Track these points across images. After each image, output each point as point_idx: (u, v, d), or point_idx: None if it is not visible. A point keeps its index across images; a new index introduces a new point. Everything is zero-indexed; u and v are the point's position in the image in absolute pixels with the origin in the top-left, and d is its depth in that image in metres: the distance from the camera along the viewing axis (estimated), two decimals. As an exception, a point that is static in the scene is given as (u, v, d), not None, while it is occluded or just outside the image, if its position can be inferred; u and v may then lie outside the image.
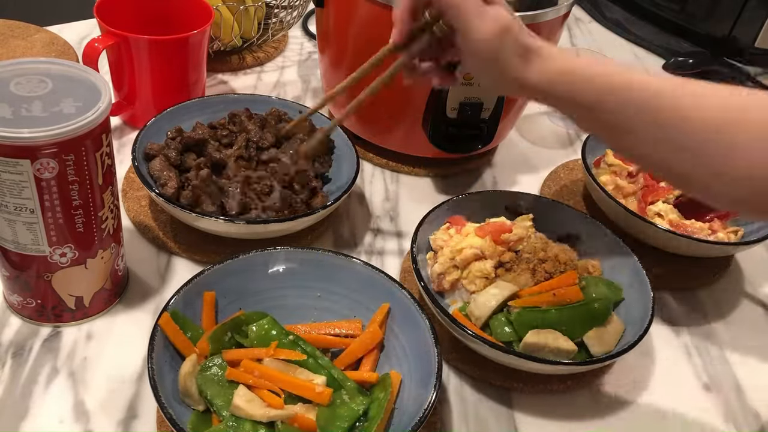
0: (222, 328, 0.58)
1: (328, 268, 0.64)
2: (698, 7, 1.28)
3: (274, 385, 0.54)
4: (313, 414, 0.53)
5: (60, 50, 0.99)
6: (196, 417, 0.54)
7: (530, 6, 0.76)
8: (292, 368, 0.56)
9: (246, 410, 0.52)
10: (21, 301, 0.62)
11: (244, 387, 0.54)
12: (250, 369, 0.55)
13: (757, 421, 0.65)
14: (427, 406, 0.52)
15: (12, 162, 0.51)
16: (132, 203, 0.77)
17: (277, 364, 0.56)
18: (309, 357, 0.56)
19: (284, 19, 1.07)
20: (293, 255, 0.64)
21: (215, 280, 0.62)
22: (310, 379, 0.55)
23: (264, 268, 0.63)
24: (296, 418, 0.53)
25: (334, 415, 0.53)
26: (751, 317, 0.77)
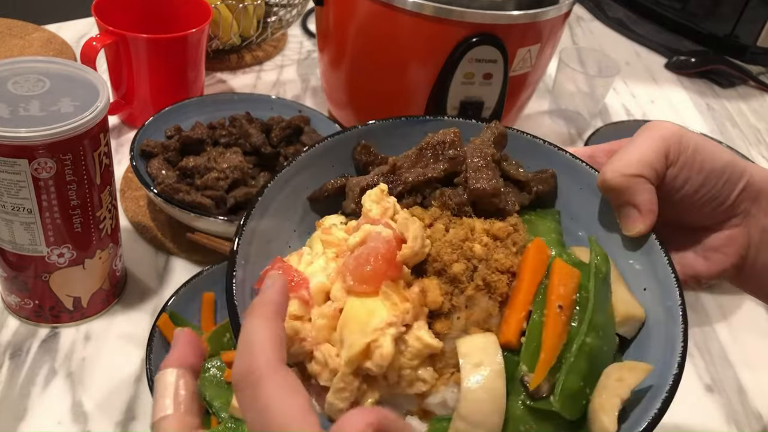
0: (221, 329, 0.58)
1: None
2: (700, 6, 1.28)
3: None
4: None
5: (58, 49, 0.98)
6: (194, 419, 0.54)
7: (531, 4, 0.76)
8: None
9: (245, 412, 0.51)
10: (19, 301, 0.61)
11: (243, 388, 0.53)
12: (249, 370, 0.54)
13: (759, 423, 0.65)
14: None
15: (9, 161, 0.50)
16: (130, 203, 0.76)
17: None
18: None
19: (283, 18, 1.06)
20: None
21: (214, 280, 0.61)
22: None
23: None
24: (295, 420, 0.52)
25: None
26: (754, 318, 0.76)
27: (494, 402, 0.35)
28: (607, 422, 0.35)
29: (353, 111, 0.87)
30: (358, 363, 0.35)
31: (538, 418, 0.36)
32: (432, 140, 0.44)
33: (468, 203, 0.43)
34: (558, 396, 0.35)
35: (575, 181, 0.45)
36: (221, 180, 0.72)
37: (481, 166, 0.43)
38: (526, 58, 0.78)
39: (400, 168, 0.44)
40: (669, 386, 0.36)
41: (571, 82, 1.00)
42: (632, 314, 0.40)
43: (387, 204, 0.41)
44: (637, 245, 0.42)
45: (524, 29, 0.75)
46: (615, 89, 1.15)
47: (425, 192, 0.44)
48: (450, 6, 0.71)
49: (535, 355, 0.36)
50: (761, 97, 1.22)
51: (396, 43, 0.76)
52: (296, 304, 0.38)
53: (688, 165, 0.42)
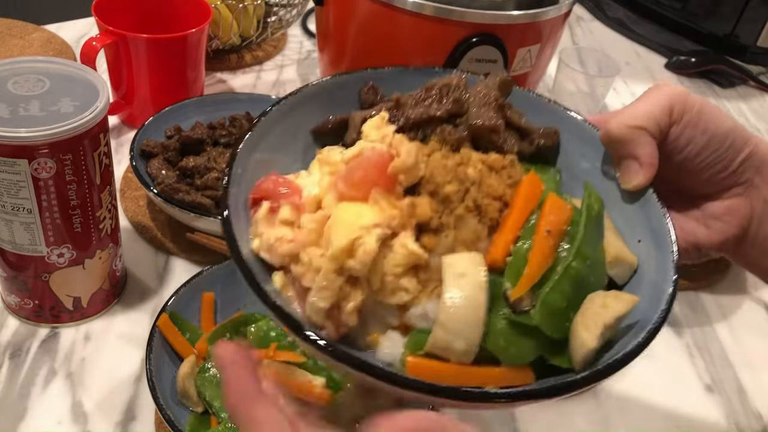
0: (221, 329, 0.58)
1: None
2: (700, 6, 1.28)
3: (274, 386, 0.54)
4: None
5: (58, 49, 0.98)
6: (194, 418, 0.54)
7: (531, 4, 0.76)
8: (291, 370, 0.56)
9: (245, 412, 0.51)
10: (19, 301, 0.61)
11: (243, 388, 0.53)
12: (249, 370, 0.54)
13: (759, 423, 0.65)
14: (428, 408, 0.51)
15: (9, 161, 0.50)
16: (130, 203, 0.76)
17: (276, 366, 0.55)
18: (308, 358, 0.56)
19: (283, 18, 1.06)
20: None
21: (214, 280, 0.61)
22: (309, 380, 0.54)
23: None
24: (295, 420, 0.52)
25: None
26: (754, 318, 0.76)
27: (475, 312, 0.35)
28: (586, 336, 0.35)
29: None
30: (342, 260, 0.35)
31: (517, 334, 0.35)
32: (439, 82, 0.45)
33: (467, 140, 0.43)
34: (538, 309, 0.35)
35: (580, 141, 0.45)
36: (221, 180, 0.72)
37: (482, 104, 0.43)
38: (526, 58, 0.78)
39: (403, 105, 0.45)
40: (657, 318, 0.36)
41: (571, 82, 1.00)
42: (623, 257, 0.40)
43: (386, 131, 0.41)
44: (634, 198, 0.42)
45: (524, 29, 0.75)
46: (615, 89, 1.15)
47: (426, 130, 0.44)
48: (450, 6, 0.71)
49: (520, 273, 0.36)
50: (761, 97, 1.22)
51: (396, 43, 0.76)
52: (288, 210, 0.38)
53: (692, 124, 0.42)
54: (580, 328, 0.35)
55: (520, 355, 0.36)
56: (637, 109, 0.42)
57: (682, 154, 0.43)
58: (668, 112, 0.42)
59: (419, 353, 0.36)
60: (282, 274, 0.38)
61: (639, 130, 0.41)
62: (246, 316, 0.59)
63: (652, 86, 0.43)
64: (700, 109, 0.42)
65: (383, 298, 0.37)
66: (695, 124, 0.42)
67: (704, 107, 0.42)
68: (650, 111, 0.41)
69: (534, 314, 0.35)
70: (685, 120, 0.42)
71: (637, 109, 0.42)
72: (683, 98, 0.42)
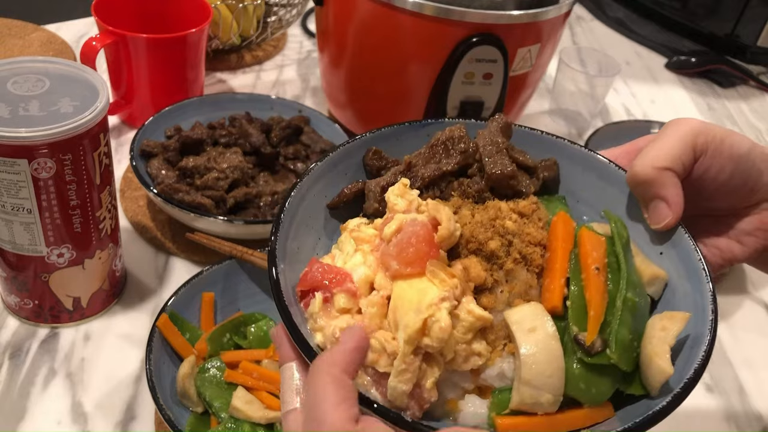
0: (221, 330, 0.58)
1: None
2: (700, 6, 1.28)
3: (273, 386, 0.54)
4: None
5: (57, 49, 0.98)
6: (194, 418, 0.54)
7: (531, 4, 0.76)
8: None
9: (245, 412, 0.52)
10: (18, 302, 0.61)
11: (242, 389, 0.54)
12: (248, 371, 0.54)
13: (759, 423, 0.65)
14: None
15: (9, 161, 0.50)
16: (130, 203, 0.76)
17: (276, 366, 0.55)
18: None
19: (283, 18, 1.06)
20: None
21: (214, 280, 0.61)
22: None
23: (263, 269, 0.63)
24: (295, 420, 0.52)
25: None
26: (754, 318, 0.76)
27: (554, 363, 0.36)
28: (664, 365, 0.36)
29: (353, 111, 0.87)
30: (418, 341, 0.36)
31: (594, 375, 0.36)
32: (441, 137, 0.46)
33: (487, 189, 0.44)
34: (614, 347, 0.36)
35: (576, 166, 0.47)
36: (221, 180, 0.72)
37: (494, 153, 0.44)
38: (526, 58, 0.78)
39: (414, 165, 0.46)
40: (709, 330, 0.37)
41: (571, 82, 1.00)
42: (656, 274, 0.41)
43: (411, 196, 0.42)
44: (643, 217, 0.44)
45: (524, 29, 0.75)
46: (615, 89, 1.15)
47: (441, 186, 0.45)
48: (450, 6, 0.71)
49: (582, 315, 0.37)
50: (761, 96, 1.22)
51: (396, 43, 0.76)
52: (344, 298, 0.38)
53: (718, 153, 0.42)
54: (654, 357, 0.36)
55: (600, 394, 0.37)
56: (661, 149, 0.42)
57: (715, 182, 0.43)
58: (692, 148, 0.42)
59: (505, 412, 0.37)
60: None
61: (665, 171, 0.41)
62: (246, 316, 0.59)
63: (671, 122, 0.43)
64: (722, 137, 0.42)
65: (458, 367, 0.38)
66: (721, 153, 0.42)
67: (725, 135, 0.43)
68: (674, 150, 0.42)
69: (611, 353, 0.36)
70: (711, 151, 0.42)
71: (661, 149, 0.42)
72: (705, 130, 0.42)
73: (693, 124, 0.43)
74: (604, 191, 0.45)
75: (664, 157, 0.41)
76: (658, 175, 0.41)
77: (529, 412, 0.36)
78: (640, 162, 0.42)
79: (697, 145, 0.42)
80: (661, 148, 0.42)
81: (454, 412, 0.39)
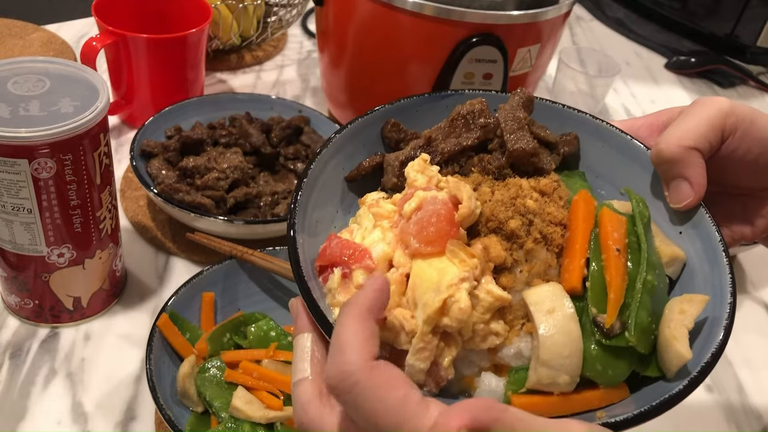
0: (221, 329, 0.58)
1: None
2: (700, 6, 1.28)
3: (273, 386, 0.54)
4: (313, 416, 0.53)
5: (58, 49, 0.98)
6: (194, 418, 0.54)
7: (531, 4, 0.76)
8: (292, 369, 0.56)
9: (245, 412, 0.52)
10: (19, 301, 0.61)
11: (243, 388, 0.54)
12: (249, 370, 0.54)
13: (759, 422, 0.65)
14: None
15: (10, 161, 0.50)
16: (130, 203, 0.76)
17: (276, 366, 0.55)
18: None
19: (283, 18, 1.06)
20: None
21: (214, 280, 0.61)
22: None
23: (263, 269, 0.63)
24: (296, 419, 0.52)
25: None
26: (754, 318, 0.76)
27: (572, 344, 0.36)
28: (682, 349, 0.36)
29: (353, 111, 0.87)
30: (437, 320, 0.35)
31: (612, 357, 0.36)
32: (462, 110, 0.45)
33: (507, 165, 0.44)
34: (633, 331, 0.36)
35: (597, 141, 0.46)
36: (221, 180, 0.72)
37: (516, 128, 0.43)
38: (526, 58, 0.78)
39: (434, 140, 0.45)
40: (727, 314, 0.37)
41: (571, 82, 1.00)
42: (675, 255, 0.41)
43: (431, 173, 0.41)
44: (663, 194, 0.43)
45: (524, 29, 0.75)
46: (615, 89, 1.15)
47: (461, 161, 0.45)
48: (450, 6, 0.71)
49: (602, 297, 0.37)
50: (761, 97, 1.22)
51: (396, 43, 0.76)
52: (362, 274, 0.38)
53: (748, 135, 0.42)
54: (672, 341, 0.36)
55: (617, 375, 0.37)
56: (689, 127, 0.41)
57: (741, 163, 0.43)
58: (720, 128, 0.41)
59: (521, 391, 0.37)
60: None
61: (691, 151, 0.41)
62: (246, 316, 0.59)
63: (699, 100, 0.43)
64: (752, 118, 0.42)
65: (476, 346, 0.38)
66: (750, 134, 0.42)
67: (755, 115, 0.42)
68: (702, 130, 0.41)
69: (630, 337, 0.36)
70: (741, 131, 0.42)
71: (689, 127, 0.41)
72: (734, 111, 0.42)
73: (722, 103, 0.42)
74: (625, 167, 0.45)
75: (692, 136, 0.41)
76: (684, 154, 0.40)
77: (545, 392, 0.36)
78: (665, 139, 0.41)
79: (726, 125, 0.41)
80: (689, 126, 0.41)
81: (470, 389, 0.39)
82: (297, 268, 0.38)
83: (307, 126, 0.84)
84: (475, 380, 0.39)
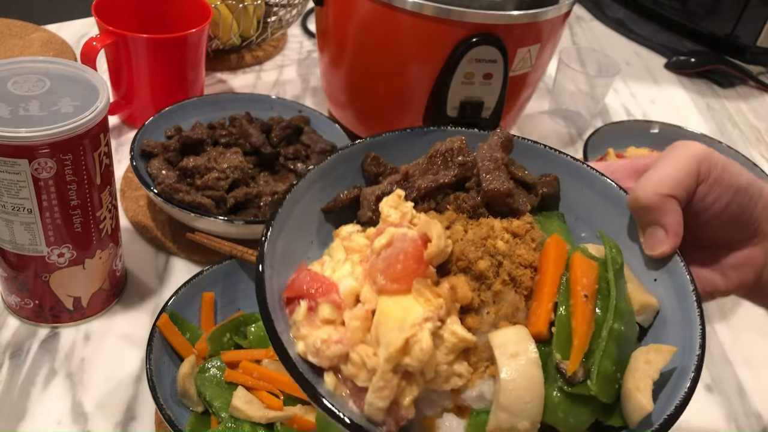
0: (221, 329, 0.58)
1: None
2: (700, 6, 1.28)
3: (273, 386, 0.54)
4: (313, 415, 0.53)
5: (58, 49, 0.98)
6: (194, 418, 0.54)
7: (531, 4, 0.76)
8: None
9: (245, 412, 0.52)
10: (19, 301, 0.61)
11: (243, 388, 0.54)
12: (249, 370, 0.54)
13: (759, 423, 0.65)
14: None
15: (10, 162, 0.50)
16: (130, 203, 0.76)
17: (276, 366, 0.55)
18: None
19: (283, 18, 1.06)
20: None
21: (214, 280, 0.61)
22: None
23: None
24: (295, 419, 0.52)
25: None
26: (753, 318, 0.76)
27: (533, 390, 0.35)
28: (643, 401, 0.35)
29: (353, 111, 0.87)
30: (398, 360, 0.35)
31: (574, 404, 0.36)
32: (441, 148, 0.45)
33: (482, 205, 0.43)
34: (595, 379, 0.36)
35: (576, 182, 0.46)
36: (221, 180, 0.72)
37: (492, 169, 0.44)
38: (526, 58, 0.78)
39: (411, 176, 0.45)
40: (695, 365, 0.36)
41: (571, 82, 1.00)
42: (647, 302, 0.41)
43: (405, 209, 0.41)
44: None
45: (524, 29, 0.75)
46: (615, 89, 1.15)
47: (437, 198, 0.45)
48: (450, 6, 0.71)
49: (567, 343, 0.37)
50: (761, 97, 1.22)
51: (396, 43, 0.76)
52: (328, 308, 0.38)
53: (719, 182, 0.42)
54: (635, 391, 0.36)
55: (579, 423, 0.36)
56: (666, 173, 0.41)
57: (710, 211, 0.43)
58: (696, 174, 0.41)
59: None
60: (333, 374, 0.38)
61: (668, 198, 0.41)
62: (246, 315, 0.59)
63: (676, 145, 0.43)
64: (724, 165, 0.42)
65: (438, 387, 0.37)
66: (721, 182, 0.42)
67: (727, 164, 0.42)
68: (678, 176, 0.41)
69: (592, 385, 0.36)
70: (712, 178, 0.42)
71: (666, 173, 0.41)
72: (709, 157, 0.42)
73: (698, 149, 0.42)
74: (604, 210, 0.45)
75: (669, 183, 0.41)
76: (660, 202, 0.41)
77: None
78: (642, 185, 0.41)
79: (701, 171, 0.41)
80: (666, 172, 0.41)
81: (431, 429, 0.38)
82: (262, 299, 0.37)
83: (307, 126, 0.84)
84: (436, 421, 0.38)
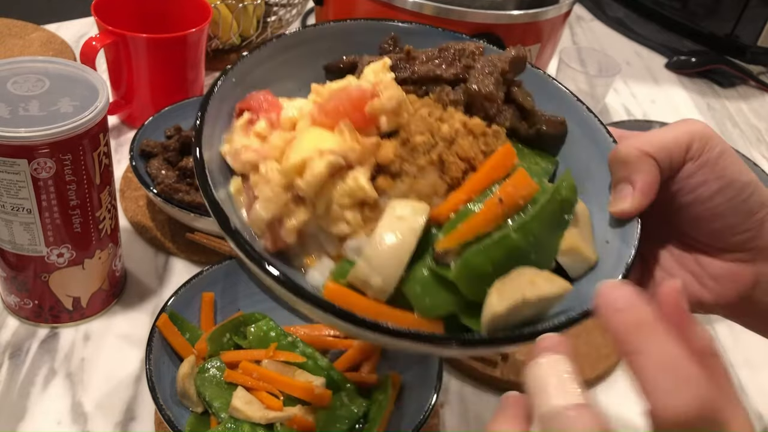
0: (221, 330, 0.58)
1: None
2: (700, 6, 1.28)
3: (273, 386, 0.54)
4: (312, 416, 0.53)
5: (57, 49, 0.98)
6: (194, 419, 0.54)
7: (531, 4, 0.76)
8: (291, 370, 0.56)
9: (245, 412, 0.52)
10: (18, 301, 0.61)
11: (242, 389, 0.54)
12: (248, 371, 0.54)
13: (760, 424, 0.65)
14: (427, 408, 0.52)
15: (9, 161, 0.50)
16: (130, 203, 0.76)
17: (276, 366, 0.55)
18: (308, 359, 0.56)
19: (283, 17, 1.06)
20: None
21: (214, 280, 0.61)
22: (309, 380, 0.54)
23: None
24: (295, 420, 0.52)
25: (333, 417, 0.53)
26: (754, 318, 0.76)
27: (399, 251, 0.35)
28: (495, 301, 0.34)
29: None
30: (291, 177, 0.37)
31: (437, 286, 0.36)
32: (456, 45, 0.45)
33: (462, 103, 0.43)
34: (457, 265, 0.35)
35: (586, 139, 0.44)
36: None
37: (486, 73, 0.43)
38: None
39: (414, 58, 0.45)
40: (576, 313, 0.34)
41: (571, 82, 1.00)
42: (578, 249, 0.38)
43: (384, 77, 0.41)
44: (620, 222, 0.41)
45: (524, 29, 0.75)
46: (615, 89, 1.15)
47: (430, 88, 0.44)
48: (450, 6, 0.71)
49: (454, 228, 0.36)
50: (761, 96, 1.22)
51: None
52: (263, 124, 0.40)
53: (709, 165, 0.40)
54: (494, 292, 0.34)
55: (433, 306, 0.36)
56: (654, 136, 0.40)
57: (692, 195, 0.40)
58: (685, 147, 0.40)
59: (341, 281, 0.37)
60: (240, 180, 0.40)
61: (646, 157, 0.39)
62: (246, 315, 0.59)
63: (683, 119, 0.42)
64: (721, 151, 0.40)
65: (325, 225, 0.38)
66: (712, 166, 0.40)
67: (726, 151, 0.40)
68: (666, 142, 0.39)
69: (452, 270, 0.35)
70: (704, 159, 0.40)
71: (654, 136, 0.40)
72: (706, 136, 0.40)
73: (697, 125, 0.40)
74: (599, 168, 0.42)
75: (653, 144, 0.39)
76: (637, 157, 0.39)
77: (360, 291, 0.36)
78: (627, 142, 0.40)
79: (693, 146, 0.40)
80: (653, 135, 0.40)
81: (307, 267, 0.39)
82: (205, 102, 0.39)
83: (307, 126, 0.84)
84: (316, 261, 0.39)
